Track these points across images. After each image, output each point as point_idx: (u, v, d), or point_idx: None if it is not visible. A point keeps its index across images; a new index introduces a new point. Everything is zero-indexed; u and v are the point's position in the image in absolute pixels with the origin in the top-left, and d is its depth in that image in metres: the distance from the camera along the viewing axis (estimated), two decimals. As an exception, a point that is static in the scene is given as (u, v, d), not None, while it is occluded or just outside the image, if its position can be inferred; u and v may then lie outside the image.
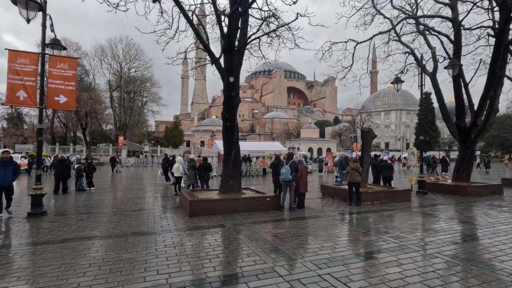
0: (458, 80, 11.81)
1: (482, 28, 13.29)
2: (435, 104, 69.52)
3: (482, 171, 26.51)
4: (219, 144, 21.85)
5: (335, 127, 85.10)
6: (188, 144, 66.94)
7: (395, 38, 15.03)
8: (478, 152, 61.15)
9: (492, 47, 14.30)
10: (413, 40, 15.43)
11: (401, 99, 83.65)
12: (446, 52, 12.78)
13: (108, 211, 8.27)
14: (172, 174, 15.33)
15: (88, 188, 13.10)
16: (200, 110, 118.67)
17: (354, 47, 13.53)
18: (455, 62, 10.80)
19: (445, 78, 14.69)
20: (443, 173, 21.87)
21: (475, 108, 12.94)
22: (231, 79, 8.78)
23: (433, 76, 13.75)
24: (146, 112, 67.73)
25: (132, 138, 61.82)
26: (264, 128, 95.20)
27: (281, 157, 10.12)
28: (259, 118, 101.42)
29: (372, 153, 11.52)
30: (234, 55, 8.96)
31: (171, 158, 16.05)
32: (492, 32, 13.37)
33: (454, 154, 48.39)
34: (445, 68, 11.14)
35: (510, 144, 62.44)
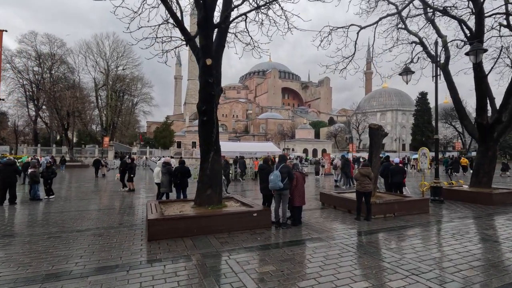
0: (480, 69, 10.12)
1: (496, 16, 11.72)
2: (431, 104, 68.71)
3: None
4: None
5: (330, 127, 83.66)
6: (179, 145, 64.59)
7: (401, 26, 13.46)
8: (474, 153, 60.23)
9: (504, 38, 12.78)
10: (420, 29, 13.84)
11: (397, 99, 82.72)
12: (466, 36, 11.06)
13: (44, 231, 6.29)
14: (132, 178, 13.18)
15: (46, 197, 11.06)
16: (193, 110, 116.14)
17: (357, 33, 11.77)
18: (478, 47, 9.08)
19: (459, 69, 13.04)
20: (456, 174, 20.35)
21: (493, 102, 11.39)
22: (208, 61, 6.90)
23: (445, 67, 12.08)
24: (137, 113, 65.40)
25: (122, 139, 59.32)
26: (258, 129, 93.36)
27: (275, 159, 8.20)
28: (253, 119, 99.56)
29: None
30: (212, 31, 7.10)
31: (129, 161, 13.79)
32: (504, 22, 11.82)
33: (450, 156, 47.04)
34: (467, 54, 9.42)
35: (506, 145, 61.66)
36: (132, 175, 13.12)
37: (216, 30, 7.58)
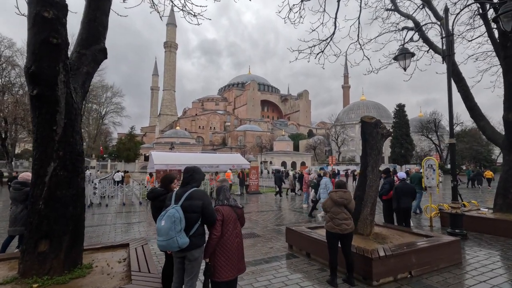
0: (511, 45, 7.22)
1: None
2: (409, 116, 68.42)
3: (478, 188, 22.49)
4: (155, 156, 15.92)
5: (309, 140, 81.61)
6: (146, 158, 59.32)
7: (391, 7, 10.89)
8: (448, 166, 59.84)
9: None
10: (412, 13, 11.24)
11: (375, 112, 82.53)
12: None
13: None
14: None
15: None
16: (168, 122, 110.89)
17: (338, 1, 8.73)
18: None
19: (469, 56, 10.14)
20: (479, 186, 17.96)
21: None
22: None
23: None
24: (107, 124, 59.99)
25: (89, 152, 53.33)
26: (236, 141, 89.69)
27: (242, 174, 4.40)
28: (231, 131, 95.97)
29: (382, 167, 6.25)
30: None
31: None
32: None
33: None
34: (494, 19, 6.50)
35: (482, 157, 61.95)
36: None
37: None
